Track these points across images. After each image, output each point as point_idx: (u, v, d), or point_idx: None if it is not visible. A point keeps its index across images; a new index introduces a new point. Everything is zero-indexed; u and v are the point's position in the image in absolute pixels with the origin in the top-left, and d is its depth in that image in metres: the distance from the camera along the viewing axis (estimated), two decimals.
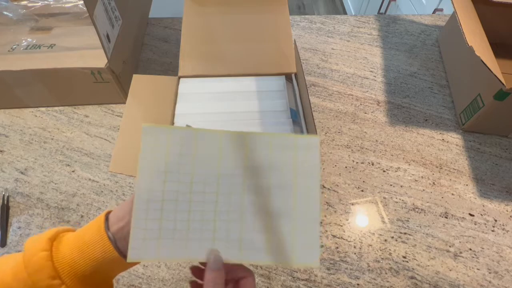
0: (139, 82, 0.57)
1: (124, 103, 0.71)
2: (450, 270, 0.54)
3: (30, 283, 0.29)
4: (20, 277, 0.29)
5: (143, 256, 0.31)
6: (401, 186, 0.62)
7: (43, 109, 0.72)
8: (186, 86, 0.58)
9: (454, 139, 0.69)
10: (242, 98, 0.57)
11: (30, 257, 0.29)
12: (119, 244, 0.31)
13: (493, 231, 0.58)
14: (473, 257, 0.55)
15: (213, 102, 0.56)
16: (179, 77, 0.59)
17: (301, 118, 0.53)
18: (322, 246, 0.38)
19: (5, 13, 0.70)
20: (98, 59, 0.63)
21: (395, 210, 0.60)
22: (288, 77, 0.60)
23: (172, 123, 0.53)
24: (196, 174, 0.33)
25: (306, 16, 0.94)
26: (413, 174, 0.64)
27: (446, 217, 0.59)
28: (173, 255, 0.31)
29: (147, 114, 0.54)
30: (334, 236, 0.57)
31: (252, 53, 0.62)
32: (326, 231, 0.57)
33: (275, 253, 0.32)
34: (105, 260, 0.31)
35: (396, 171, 0.64)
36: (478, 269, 0.54)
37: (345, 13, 2.25)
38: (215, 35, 0.64)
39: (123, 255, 0.31)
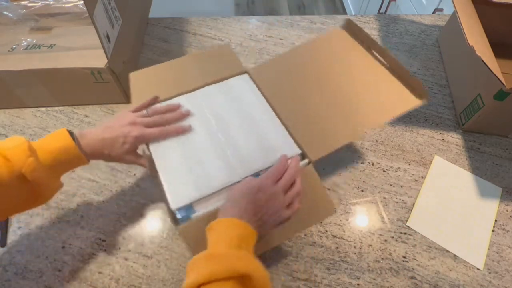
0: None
1: (124, 103, 0.72)
2: (450, 270, 0.54)
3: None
4: None
5: None
6: (401, 186, 0.62)
7: (43, 109, 0.72)
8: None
9: (454, 139, 0.69)
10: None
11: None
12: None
13: (493, 231, 0.58)
14: None
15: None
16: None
17: None
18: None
19: (5, 13, 0.70)
20: (98, 59, 0.63)
21: (395, 210, 0.60)
22: None
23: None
24: None
25: (306, 16, 0.94)
26: (413, 174, 0.64)
27: None
28: None
29: None
30: (334, 236, 0.57)
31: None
32: (326, 231, 0.57)
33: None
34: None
35: (396, 171, 0.64)
36: (478, 269, 0.54)
37: (345, 13, 2.25)
38: None
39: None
